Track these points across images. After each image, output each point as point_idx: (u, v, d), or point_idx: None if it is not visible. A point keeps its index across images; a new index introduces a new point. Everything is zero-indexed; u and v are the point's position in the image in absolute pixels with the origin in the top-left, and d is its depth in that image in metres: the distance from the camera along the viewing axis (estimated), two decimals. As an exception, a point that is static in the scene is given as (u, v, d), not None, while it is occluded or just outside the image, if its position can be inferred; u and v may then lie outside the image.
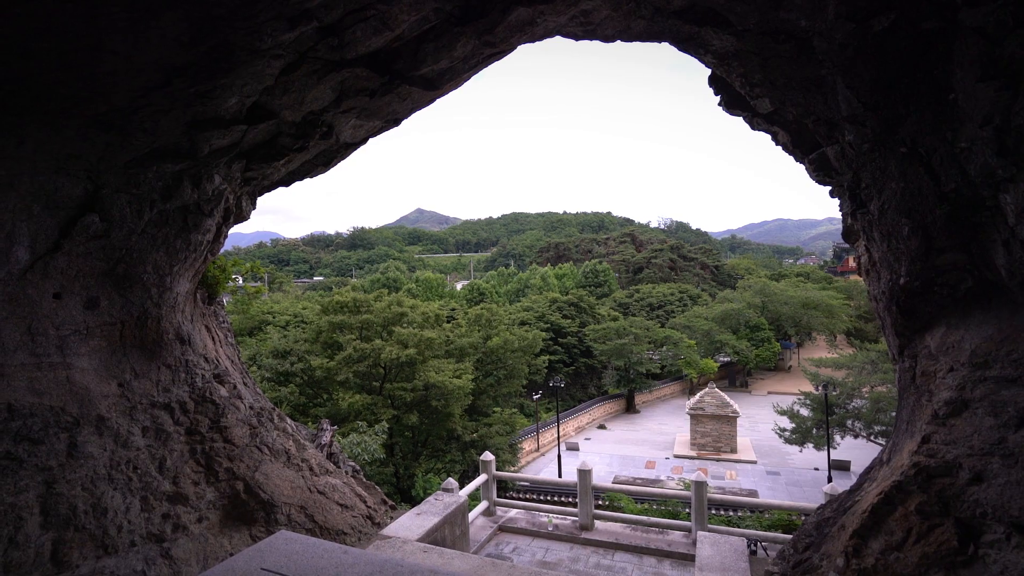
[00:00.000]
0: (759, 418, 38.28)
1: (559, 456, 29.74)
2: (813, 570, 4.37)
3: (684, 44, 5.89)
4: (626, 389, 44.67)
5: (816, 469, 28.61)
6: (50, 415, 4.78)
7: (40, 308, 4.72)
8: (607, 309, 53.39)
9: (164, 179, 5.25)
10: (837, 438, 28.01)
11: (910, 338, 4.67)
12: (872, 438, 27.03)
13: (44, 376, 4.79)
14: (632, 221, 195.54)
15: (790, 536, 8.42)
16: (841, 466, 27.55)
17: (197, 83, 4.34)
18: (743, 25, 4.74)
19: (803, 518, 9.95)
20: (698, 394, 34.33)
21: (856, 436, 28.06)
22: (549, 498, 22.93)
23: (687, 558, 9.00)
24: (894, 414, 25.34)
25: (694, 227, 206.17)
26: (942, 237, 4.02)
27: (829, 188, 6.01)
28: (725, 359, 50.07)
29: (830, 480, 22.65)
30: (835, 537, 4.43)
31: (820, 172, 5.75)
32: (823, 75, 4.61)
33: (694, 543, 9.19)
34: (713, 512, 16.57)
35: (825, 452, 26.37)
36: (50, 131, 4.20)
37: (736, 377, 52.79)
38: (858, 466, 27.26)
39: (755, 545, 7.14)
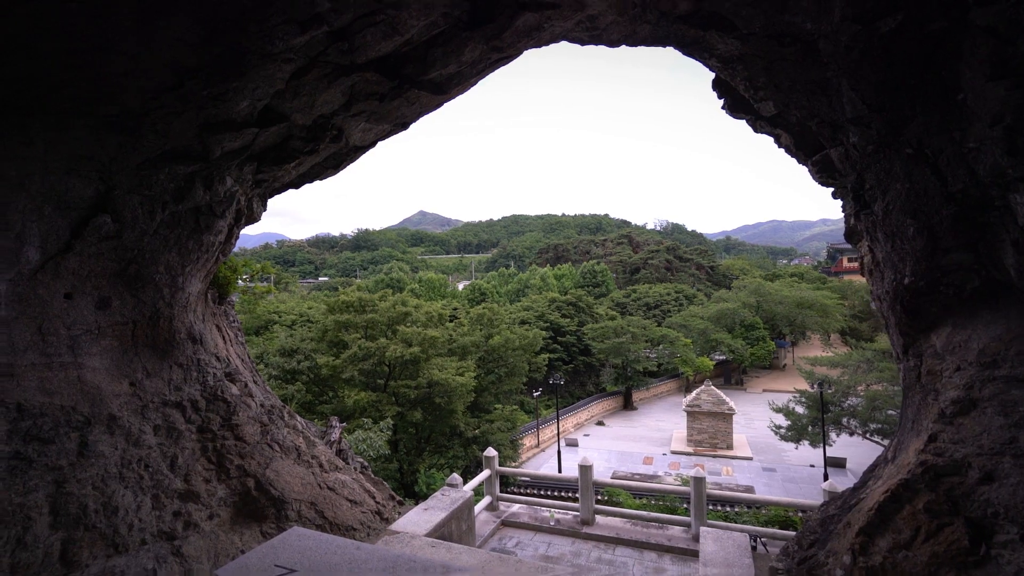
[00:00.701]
0: (754, 415, 38.04)
1: (559, 452, 29.65)
2: (819, 567, 4.26)
3: (688, 48, 5.82)
4: (624, 387, 44.57)
5: (812, 466, 28.24)
6: (61, 415, 4.65)
7: (51, 308, 4.59)
8: (605, 309, 53.26)
9: (176, 181, 5.16)
10: (833, 435, 27.54)
11: (915, 337, 4.57)
12: (868, 436, 26.63)
13: (55, 376, 4.66)
14: (629, 223, 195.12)
15: (789, 532, 8.25)
16: (837, 463, 27.20)
17: (209, 86, 4.28)
18: (748, 29, 4.67)
19: (800, 514, 9.85)
20: (694, 391, 34.19)
21: (852, 434, 27.63)
22: (550, 493, 22.84)
23: (687, 553, 8.93)
24: (891, 412, 24.09)
25: (689, 228, 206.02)
26: (948, 237, 3.92)
27: (831, 189, 5.95)
28: (721, 357, 49.91)
29: (826, 478, 22.42)
30: (841, 534, 4.32)
31: (823, 174, 5.67)
32: (828, 78, 4.52)
33: (694, 538, 9.12)
34: (711, 508, 16.47)
35: (820, 449, 26.00)
36: (60, 132, 4.11)
37: (731, 375, 52.68)
38: (854, 463, 27.10)
39: (756, 541, 7.05)
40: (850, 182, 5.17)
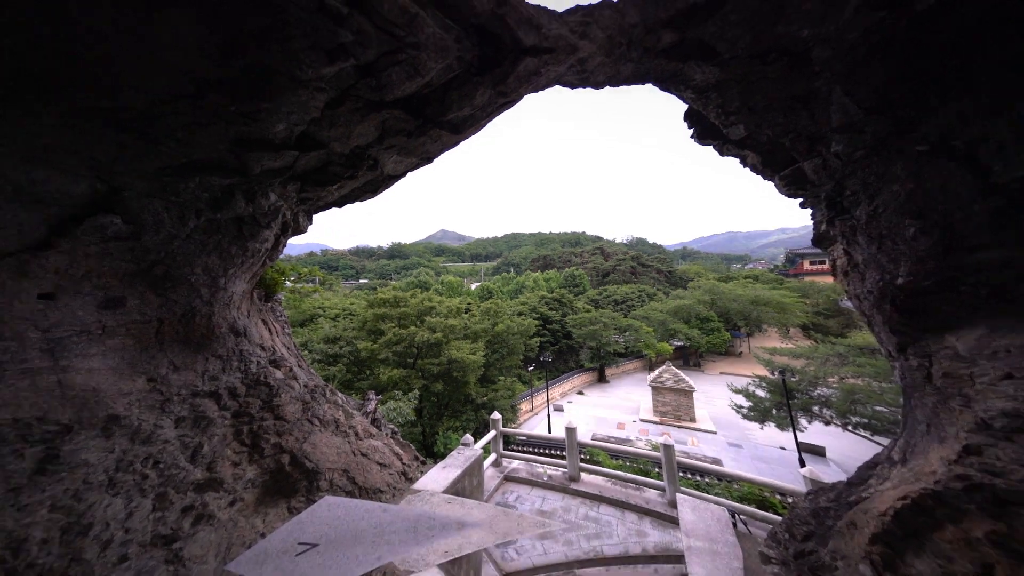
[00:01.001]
0: (714, 394, 35.33)
1: (548, 416, 28.89)
2: (824, 569, 3.25)
3: (666, 83, 5.07)
4: (598, 364, 43.88)
5: (783, 448, 23.69)
6: (10, 430, 3.21)
7: (11, 310, 3.31)
8: (583, 304, 52.56)
9: (211, 191, 4.25)
10: (803, 422, 22.79)
11: (914, 336, 3.55)
12: (851, 428, 21.50)
13: (5, 387, 3.26)
14: (601, 238, 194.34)
15: (771, 514, 6.92)
16: (815, 451, 22.34)
17: (236, 102, 3.39)
18: (731, 52, 3.85)
19: (779, 497, 8.62)
20: (657, 370, 33.10)
21: (827, 423, 22.61)
22: (542, 450, 22.24)
23: (664, 518, 7.99)
24: (879, 408, 18.29)
25: (651, 241, 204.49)
26: (979, 234, 2.86)
27: (800, 200, 5.20)
28: (679, 343, 48.26)
29: (803, 464, 18.10)
30: (845, 534, 3.26)
31: (792, 186, 4.80)
32: (816, 88, 3.64)
33: (670, 504, 8.16)
34: (682, 475, 15.03)
35: (789, 433, 21.93)
36: (22, 117, 2.96)
37: (690, 358, 49.27)
38: (834, 453, 22.52)
39: (735, 517, 6.12)
40: (825, 191, 4.30)
